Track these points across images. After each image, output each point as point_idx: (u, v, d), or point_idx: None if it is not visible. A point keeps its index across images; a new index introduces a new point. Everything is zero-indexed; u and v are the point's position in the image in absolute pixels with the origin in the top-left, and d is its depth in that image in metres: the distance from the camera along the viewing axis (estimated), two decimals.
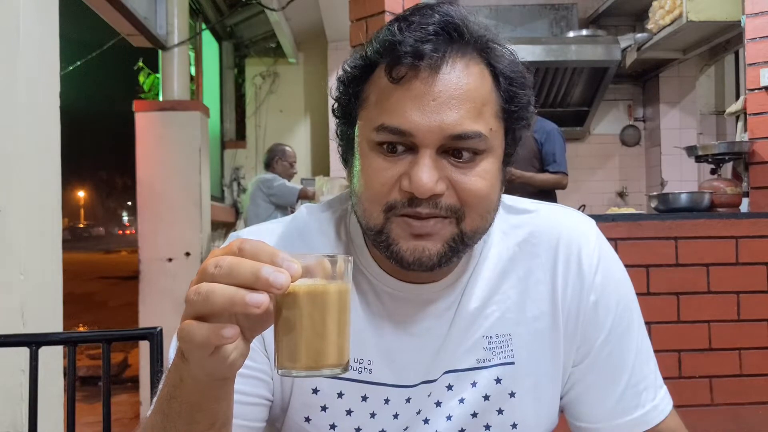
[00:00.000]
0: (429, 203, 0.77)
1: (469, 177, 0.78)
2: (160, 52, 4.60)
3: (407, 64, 0.76)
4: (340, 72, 0.85)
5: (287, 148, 4.93)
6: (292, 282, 0.58)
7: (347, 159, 0.87)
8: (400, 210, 0.78)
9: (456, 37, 0.78)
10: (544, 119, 3.95)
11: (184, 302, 0.60)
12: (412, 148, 0.78)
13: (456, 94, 0.77)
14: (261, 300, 0.56)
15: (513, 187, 3.56)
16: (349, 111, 0.84)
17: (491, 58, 0.81)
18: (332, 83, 0.87)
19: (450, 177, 0.78)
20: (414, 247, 0.79)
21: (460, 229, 0.79)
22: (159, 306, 4.25)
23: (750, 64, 2.78)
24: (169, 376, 0.68)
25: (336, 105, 0.86)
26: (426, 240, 0.78)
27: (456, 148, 0.78)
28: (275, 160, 4.82)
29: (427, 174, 0.76)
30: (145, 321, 4.31)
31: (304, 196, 4.68)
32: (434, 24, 0.77)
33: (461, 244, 0.80)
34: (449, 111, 0.76)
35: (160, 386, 0.71)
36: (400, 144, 0.78)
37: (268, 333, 0.75)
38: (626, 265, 0.94)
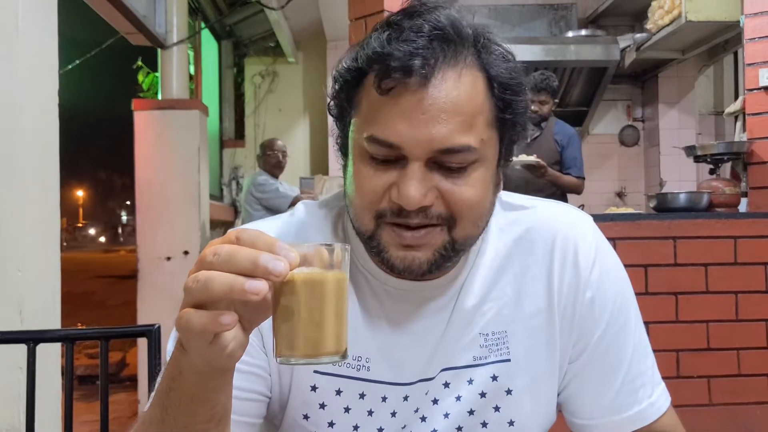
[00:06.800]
0: (418, 214, 0.77)
1: (460, 186, 0.77)
2: (159, 50, 4.60)
3: (396, 78, 0.75)
4: (335, 73, 0.84)
5: (275, 141, 4.80)
6: (290, 270, 0.58)
7: (343, 155, 0.87)
8: (390, 218, 0.78)
9: (446, 47, 0.76)
10: (563, 122, 3.97)
11: (182, 299, 0.60)
12: (402, 158, 0.77)
13: (446, 107, 0.75)
14: (260, 287, 0.57)
15: (539, 182, 3.59)
16: (342, 113, 0.84)
17: (485, 63, 0.79)
18: (330, 83, 0.86)
19: (439, 187, 0.77)
20: (404, 257, 0.79)
21: (451, 237, 0.79)
22: (157, 305, 4.25)
23: (749, 64, 2.79)
24: (168, 369, 0.68)
25: (331, 104, 0.86)
26: (416, 250, 0.79)
27: (445, 162, 0.77)
28: (264, 154, 4.71)
29: (414, 187, 0.75)
30: (143, 320, 4.30)
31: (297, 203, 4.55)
32: (424, 35, 0.75)
33: (452, 251, 0.80)
34: (438, 125, 0.75)
35: (159, 379, 0.71)
36: (390, 156, 0.77)
37: (266, 330, 0.75)
38: (624, 265, 0.94)
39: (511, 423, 0.89)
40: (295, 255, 0.59)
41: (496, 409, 0.88)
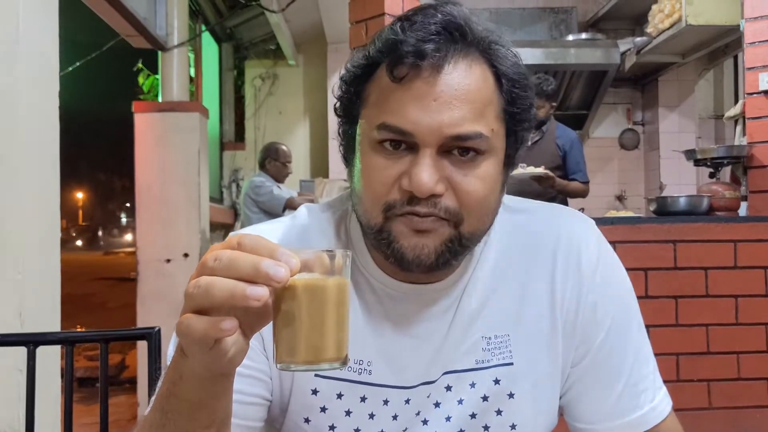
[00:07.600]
0: (428, 203, 0.77)
1: (469, 178, 0.78)
2: (159, 53, 4.61)
3: (409, 64, 0.76)
4: (343, 71, 0.85)
5: (280, 147, 4.74)
6: (291, 276, 0.58)
7: (348, 158, 0.87)
8: (400, 209, 0.78)
9: (458, 37, 0.78)
10: (565, 126, 3.97)
11: (182, 303, 0.60)
12: (413, 147, 0.78)
13: (457, 94, 0.77)
14: (261, 293, 0.57)
15: (547, 191, 3.59)
16: (350, 110, 0.84)
17: (494, 59, 0.81)
18: (332, 85, 0.87)
19: (450, 178, 0.78)
20: (414, 244, 0.78)
21: (458, 232, 0.79)
22: (157, 307, 4.24)
23: (749, 68, 2.79)
24: (169, 373, 0.67)
25: (338, 104, 0.86)
26: (425, 237, 0.78)
27: (457, 148, 0.78)
28: (267, 160, 4.66)
29: (427, 174, 0.76)
30: (143, 322, 4.29)
31: (290, 207, 4.45)
32: (437, 24, 0.77)
33: (459, 246, 0.80)
34: (450, 111, 0.76)
35: (159, 384, 0.70)
36: (402, 141, 0.78)
37: (267, 333, 0.75)
38: (625, 268, 0.94)
39: (513, 427, 0.89)
40: (296, 261, 0.59)
41: (498, 412, 0.88)
